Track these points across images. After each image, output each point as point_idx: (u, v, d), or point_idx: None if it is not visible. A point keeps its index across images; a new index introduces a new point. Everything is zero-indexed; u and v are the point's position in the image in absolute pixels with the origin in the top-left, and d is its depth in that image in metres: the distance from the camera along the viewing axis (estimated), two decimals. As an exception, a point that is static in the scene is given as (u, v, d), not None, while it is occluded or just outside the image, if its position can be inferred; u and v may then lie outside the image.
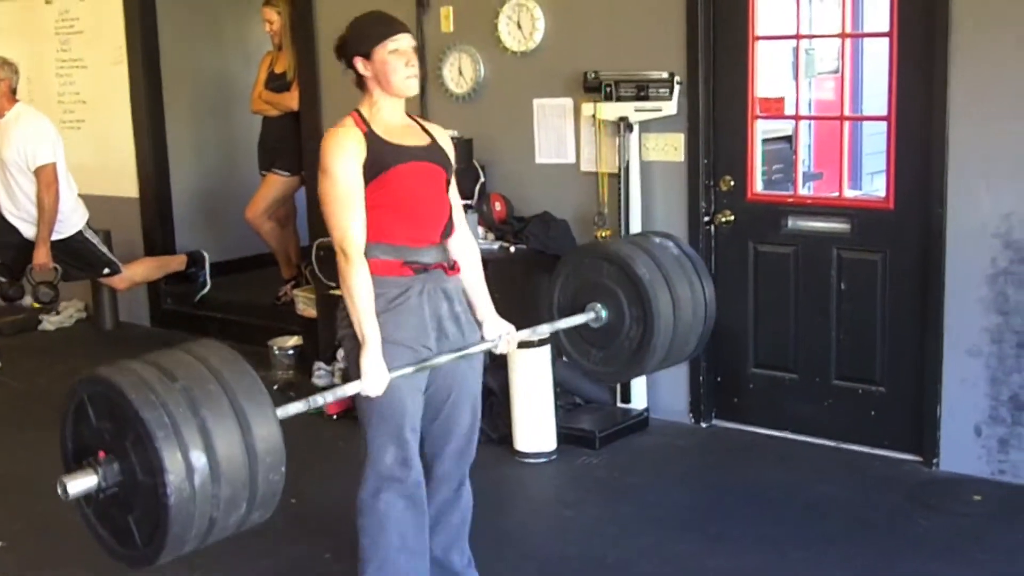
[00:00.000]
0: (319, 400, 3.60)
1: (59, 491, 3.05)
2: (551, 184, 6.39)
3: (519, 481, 5.62)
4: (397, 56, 3.89)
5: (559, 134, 6.35)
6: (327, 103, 7.45)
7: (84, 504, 3.18)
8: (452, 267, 3.99)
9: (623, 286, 4.24)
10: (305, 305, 7.23)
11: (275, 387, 7.13)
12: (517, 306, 4.29)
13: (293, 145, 7.96)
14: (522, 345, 5.55)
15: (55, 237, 7.77)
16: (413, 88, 3.98)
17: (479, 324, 4.08)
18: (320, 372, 6.84)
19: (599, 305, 4.30)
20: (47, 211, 7.67)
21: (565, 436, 5.83)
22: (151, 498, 2.97)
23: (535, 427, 5.73)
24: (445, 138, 4.15)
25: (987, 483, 5.27)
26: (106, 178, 8.64)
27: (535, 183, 6.47)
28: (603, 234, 6.07)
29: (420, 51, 6.67)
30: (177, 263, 8.58)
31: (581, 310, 4.34)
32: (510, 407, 5.77)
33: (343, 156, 3.83)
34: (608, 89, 5.95)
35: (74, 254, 7.95)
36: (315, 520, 5.14)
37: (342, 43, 3.99)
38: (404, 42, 3.92)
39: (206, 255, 8.62)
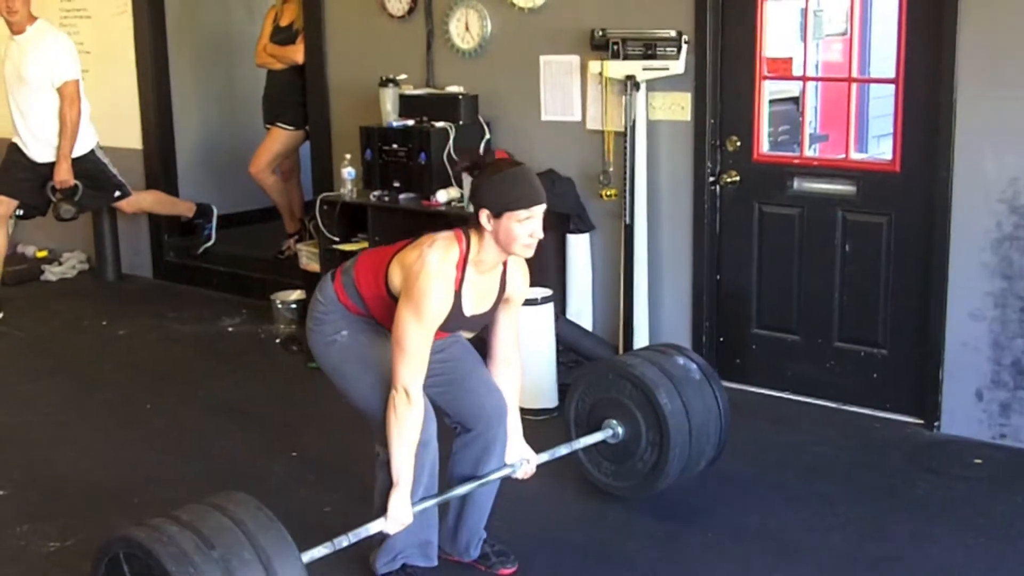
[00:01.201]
0: (343, 542, 3.70)
1: None
2: (556, 142, 6.37)
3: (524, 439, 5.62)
4: (526, 226, 3.74)
5: (565, 92, 6.32)
6: (332, 57, 7.42)
7: None
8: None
9: (643, 410, 4.42)
10: (308, 259, 7.22)
11: (277, 341, 7.14)
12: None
13: (298, 99, 7.93)
14: (526, 303, 5.56)
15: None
16: (529, 255, 3.85)
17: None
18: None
19: (616, 422, 4.48)
20: (70, 126, 7.68)
21: (567, 393, 5.83)
22: None
23: (537, 384, 5.73)
24: (515, 287, 4.03)
25: (988, 447, 5.27)
26: (110, 129, 8.59)
27: (540, 140, 6.45)
28: (608, 193, 6.05)
29: (427, 6, 6.72)
30: (186, 207, 8.58)
31: (598, 424, 4.49)
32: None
33: (438, 308, 3.73)
34: (615, 47, 5.92)
35: (87, 174, 7.93)
36: (315, 473, 5.15)
37: (475, 183, 3.84)
38: (537, 213, 3.76)
39: (215, 209, 8.60)
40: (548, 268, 6.12)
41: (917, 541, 4.44)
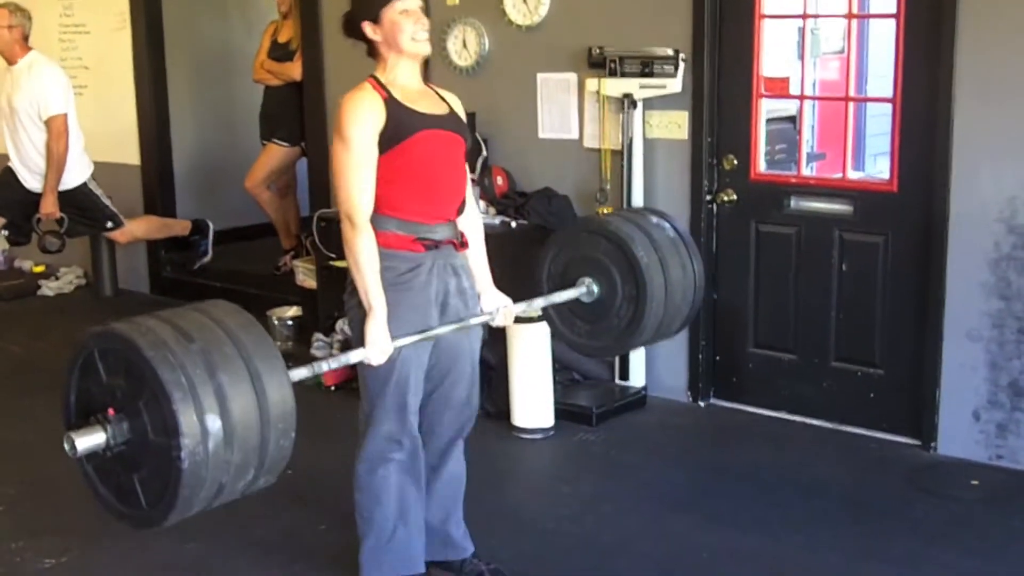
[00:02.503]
0: (324, 366, 3.59)
1: (66, 447, 3.01)
2: (553, 159, 6.37)
3: (516, 457, 5.62)
4: (406, 16, 3.81)
5: (563, 109, 6.32)
6: (330, 74, 7.43)
7: (86, 461, 3.13)
8: (462, 243, 3.97)
9: (619, 265, 4.22)
10: (305, 276, 7.22)
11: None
12: (517, 280, 4.26)
13: (294, 115, 7.94)
14: (520, 320, 5.55)
15: (60, 188, 7.76)
16: (425, 48, 3.88)
17: (478, 296, 4.08)
18: (319, 343, 6.82)
19: (591, 280, 4.28)
20: (56, 160, 7.66)
21: (563, 412, 5.83)
22: (162, 460, 2.93)
23: (533, 403, 5.72)
24: (460, 106, 4.07)
25: (985, 468, 5.27)
26: (107, 144, 8.61)
27: (537, 158, 6.45)
28: (604, 211, 6.05)
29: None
30: (181, 227, 8.57)
31: (572, 283, 4.31)
32: (508, 382, 5.76)
33: (361, 121, 3.75)
34: (612, 65, 5.93)
35: (78, 206, 7.93)
36: (311, 491, 5.14)
37: (349, 13, 3.91)
38: (412, 2, 3.83)
39: (210, 224, 8.59)
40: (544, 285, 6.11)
41: (914, 562, 4.42)
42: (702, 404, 6.13)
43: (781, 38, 6.26)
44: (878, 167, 7.27)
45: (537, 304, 4.33)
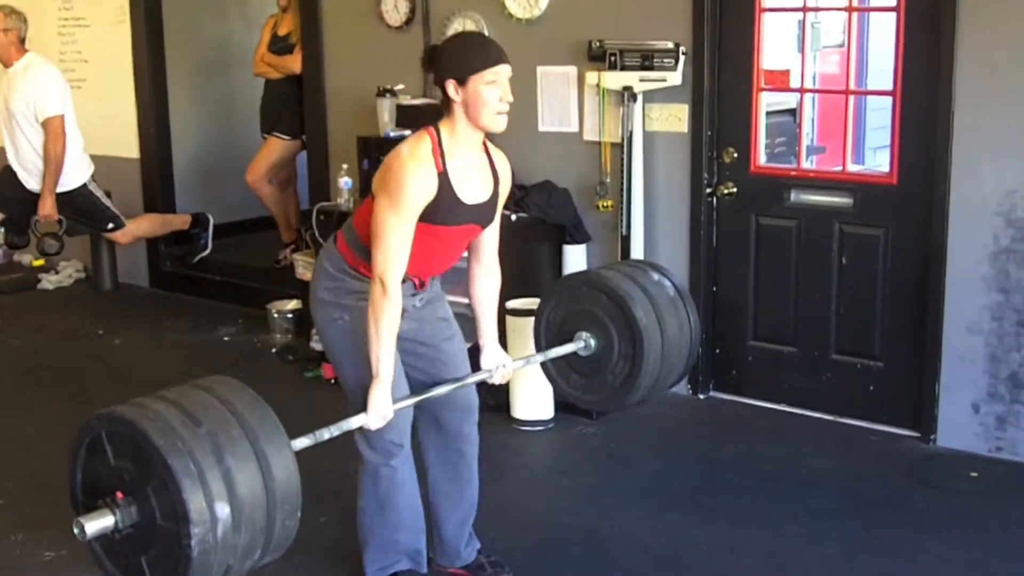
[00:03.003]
0: (325, 434, 3.65)
1: (75, 531, 3.07)
2: (553, 153, 6.37)
3: (516, 449, 5.62)
4: (493, 89, 3.71)
5: (562, 103, 6.32)
6: (329, 66, 7.43)
7: (94, 540, 3.18)
8: (422, 284, 3.96)
9: (617, 323, 4.24)
10: (304, 269, 7.20)
11: (273, 351, 7.14)
12: (517, 275, 4.28)
13: (295, 108, 7.94)
14: (519, 313, 5.56)
15: (60, 189, 7.77)
16: (502, 126, 3.79)
17: (479, 349, 4.10)
18: (318, 337, 6.81)
19: (588, 334, 4.30)
20: (53, 162, 7.66)
21: (563, 404, 5.82)
22: (171, 544, 2.98)
23: (533, 395, 5.72)
24: (507, 179, 4.01)
25: (984, 460, 5.27)
26: (107, 138, 8.61)
27: (537, 151, 6.45)
28: (604, 204, 6.05)
29: (425, 16, 6.71)
30: (180, 222, 8.56)
31: (569, 335, 4.34)
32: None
33: (415, 194, 3.63)
34: (612, 58, 5.93)
35: (78, 207, 7.94)
36: (310, 484, 5.11)
37: (435, 58, 3.78)
38: (503, 74, 3.74)
39: (210, 217, 8.59)
40: (544, 279, 6.12)
41: (913, 554, 4.43)
42: (702, 397, 6.13)
43: (781, 31, 6.27)
44: (878, 160, 7.28)
45: (535, 360, 4.34)
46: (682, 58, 5.79)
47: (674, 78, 5.80)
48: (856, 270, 5.63)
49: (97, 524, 3.06)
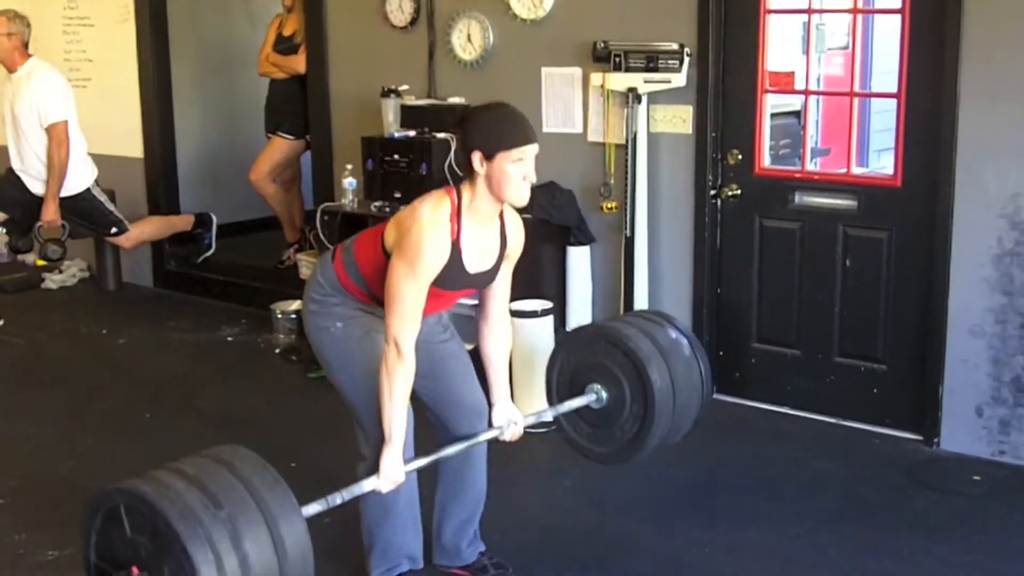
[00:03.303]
0: (336, 499, 3.65)
1: None
2: (557, 154, 6.36)
3: (517, 450, 5.57)
4: (519, 166, 3.68)
5: (567, 104, 6.32)
6: (334, 67, 7.43)
7: None
8: None
9: (631, 382, 4.28)
10: (308, 269, 7.22)
11: (277, 351, 7.14)
12: (520, 276, 4.26)
13: (299, 108, 7.95)
14: (521, 315, 5.56)
15: (64, 194, 7.77)
16: (525, 200, 3.76)
17: (491, 404, 4.11)
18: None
19: (600, 387, 4.33)
20: (57, 167, 7.66)
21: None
22: None
23: (535, 396, 5.71)
24: (515, 242, 3.98)
25: (987, 464, 5.26)
26: (111, 137, 8.62)
27: (541, 152, 6.30)
28: (608, 205, 6.05)
29: (429, 17, 6.71)
30: (184, 223, 8.56)
31: (582, 387, 4.37)
32: (511, 376, 5.75)
33: (432, 261, 3.66)
34: (617, 59, 5.92)
35: (81, 212, 7.94)
36: (313, 484, 5.11)
37: (465, 124, 3.80)
38: (530, 153, 3.71)
39: (214, 217, 8.60)
40: (548, 280, 6.12)
41: (916, 557, 4.43)
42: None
43: (786, 33, 6.26)
44: (882, 162, 7.27)
45: (547, 416, 4.37)
46: (687, 59, 5.78)
47: (679, 79, 5.80)
48: (860, 273, 5.62)
49: None
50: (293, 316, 7.33)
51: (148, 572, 3.08)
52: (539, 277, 6.09)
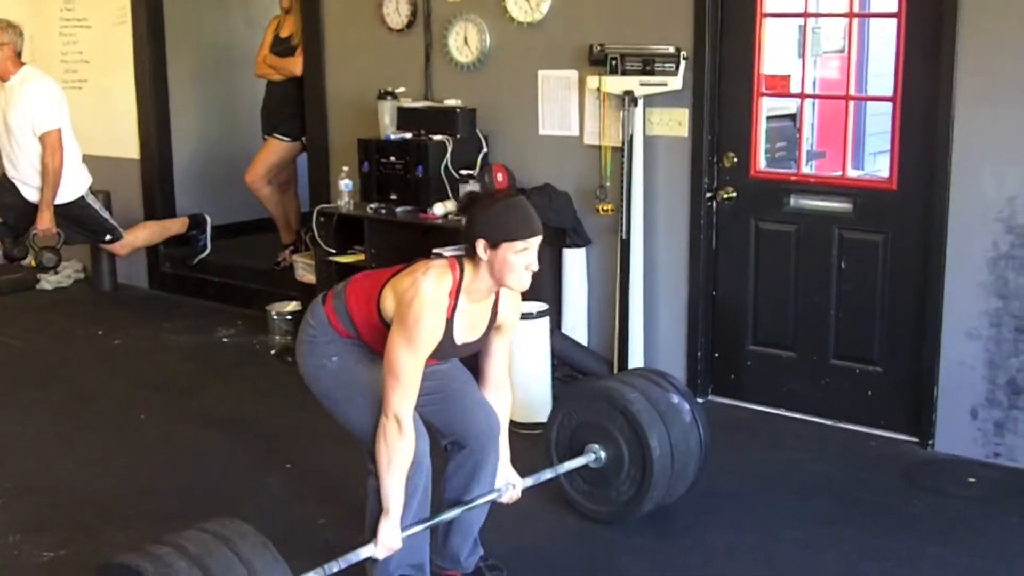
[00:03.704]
0: (333, 567, 3.68)
1: None
2: (554, 156, 6.37)
3: (515, 453, 5.58)
4: (523, 256, 3.71)
5: (563, 106, 6.32)
6: (331, 69, 7.43)
7: None
8: None
9: (631, 447, 4.41)
10: (304, 271, 7.22)
11: (272, 352, 7.14)
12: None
13: (296, 110, 7.94)
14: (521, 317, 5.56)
15: (58, 201, 7.76)
16: (524, 288, 3.81)
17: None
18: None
19: (598, 447, 4.45)
20: (51, 175, 7.65)
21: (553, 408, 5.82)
22: None
23: (532, 399, 5.72)
24: (508, 317, 4.01)
25: (982, 466, 5.27)
26: (107, 139, 8.62)
27: (538, 155, 6.45)
28: (604, 207, 6.06)
29: (426, 19, 6.72)
30: (178, 226, 8.56)
31: (580, 446, 4.49)
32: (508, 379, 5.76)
33: (431, 337, 3.71)
34: (613, 62, 5.93)
35: (75, 219, 7.94)
36: (310, 486, 5.15)
37: (471, 210, 3.81)
38: (534, 244, 3.74)
39: (208, 218, 8.59)
40: (544, 282, 6.12)
41: (912, 559, 4.43)
42: (701, 401, 6.12)
43: (782, 36, 6.27)
44: (877, 165, 7.28)
45: (545, 476, 4.43)
46: (683, 63, 5.79)
47: (675, 82, 5.80)
48: (855, 275, 5.63)
49: None
50: (288, 317, 7.34)
51: None
52: (535, 279, 6.06)
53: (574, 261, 6.24)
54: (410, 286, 3.72)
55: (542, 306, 5.81)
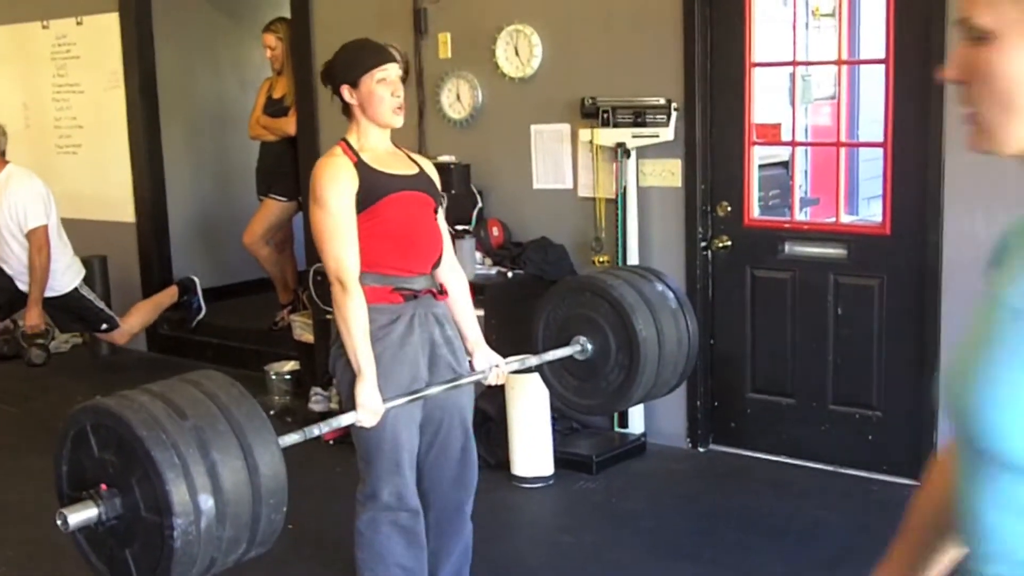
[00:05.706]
0: (315, 431, 3.59)
1: (59, 522, 3.01)
2: (548, 209, 6.40)
3: (517, 506, 5.62)
4: (384, 86, 3.89)
5: (556, 160, 6.36)
6: (324, 129, 7.46)
7: (79, 532, 3.13)
8: (441, 292, 3.99)
9: (616, 332, 4.24)
10: (302, 330, 7.23)
11: (271, 412, 7.13)
12: (515, 331, 4.29)
13: (290, 170, 7.97)
14: (517, 370, 5.56)
15: (51, 294, 7.77)
16: (398, 121, 3.97)
17: (469, 353, 4.10)
18: (317, 397, 6.83)
19: (585, 339, 4.31)
20: (39, 273, 7.65)
21: (562, 461, 5.83)
22: (154, 536, 2.94)
23: (532, 452, 5.72)
24: (431, 167, 4.14)
25: (984, 508, 5.25)
26: (103, 203, 8.65)
27: (533, 208, 6.48)
28: (600, 260, 6.08)
29: (418, 76, 6.75)
30: (169, 297, 8.53)
31: (567, 339, 4.33)
32: (507, 432, 5.77)
33: (336, 187, 3.81)
34: (605, 115, 5.97)
35: (71, 310, 7.97)
36: (312, 546, 5.13)
37: (329, 69, 4.00)
38: (392, 72, 3.92)
39: (196, 280, 8.57)
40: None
41: (917, 604, 4.41)
42: (702, 450, 6.13)
43: (772, 84, 6.31)
44: (871, 211, 7.31)
45: (531, 362, 4.34)
46: (674, 114, 5.83)
47: (667, 134, 5.84)
48: (852, 320, 5.65)
49: (80, 515, 3.01)
50: (287, 377, 7.34)
51: (116, 487, 3.01)
52: (531, 330, 6.09)
53: (571, 313, 6.24)
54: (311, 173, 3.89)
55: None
